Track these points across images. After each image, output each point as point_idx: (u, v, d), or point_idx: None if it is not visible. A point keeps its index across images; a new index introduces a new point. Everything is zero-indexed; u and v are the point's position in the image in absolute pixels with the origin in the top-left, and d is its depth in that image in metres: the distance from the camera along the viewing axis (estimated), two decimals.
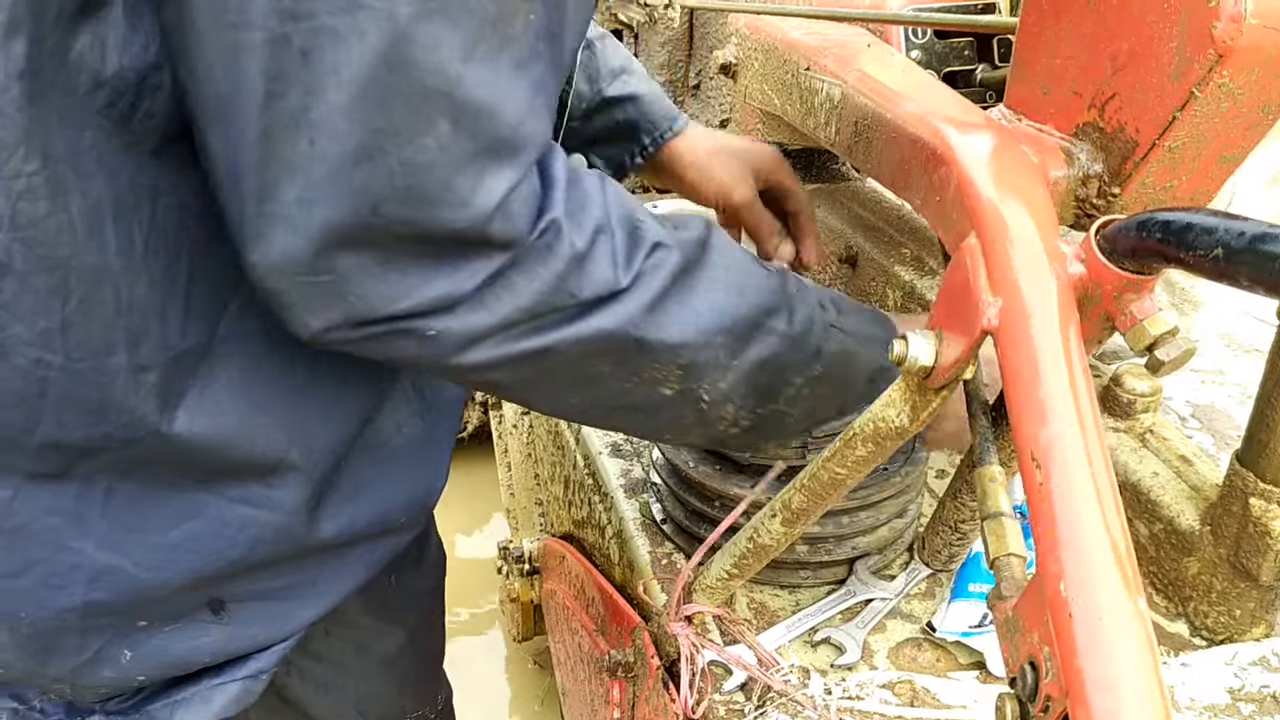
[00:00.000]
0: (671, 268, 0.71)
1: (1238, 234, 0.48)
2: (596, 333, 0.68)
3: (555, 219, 0.65)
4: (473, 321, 0.65)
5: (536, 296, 0.66)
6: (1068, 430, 0.52)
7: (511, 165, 0.62)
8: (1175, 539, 0.94)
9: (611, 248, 0.69)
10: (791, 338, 0.76)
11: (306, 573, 0.84)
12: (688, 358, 0.72)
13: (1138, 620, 0.46)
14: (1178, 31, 0.57)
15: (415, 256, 0.62)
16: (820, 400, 0.80)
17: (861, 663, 0.92)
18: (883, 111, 0.78)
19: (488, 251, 0.64)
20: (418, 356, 0.67)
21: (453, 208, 0.60)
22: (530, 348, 0.68)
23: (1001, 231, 0.58)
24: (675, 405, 0.75)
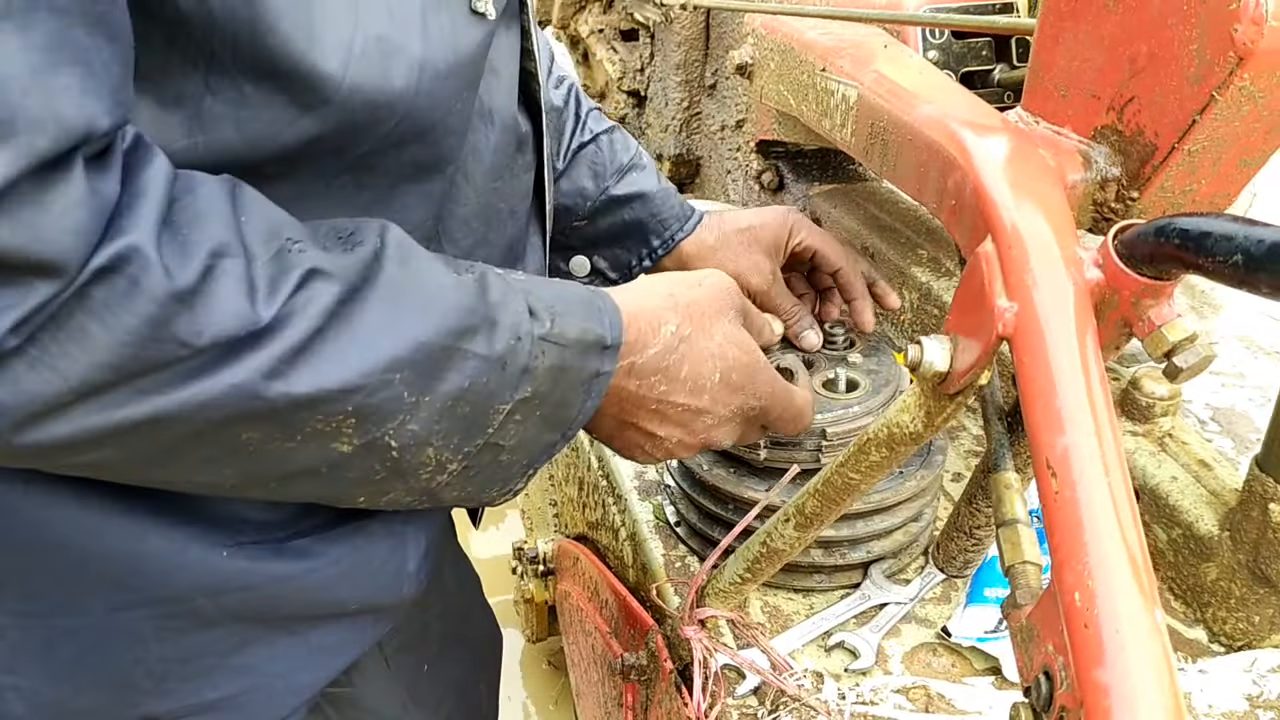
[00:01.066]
0: (330, 300, 0.56)
1: (1257, 241, 0.47)
2: (228, 391, 0.53)
3: (133, 244, 0.50)
4: (29, 388, 0.50)
5: (124, 349, 0.51)
6: (1085, 439, 0.51)
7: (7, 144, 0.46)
8: (1194, 544, 0.93)
9: (244, 275, 0.54)
10: (494, 359, 0.63)
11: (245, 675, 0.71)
12: (358, 404, 0.58)
13: (1155, 633, 0.46)
14: (1197, 34, 0.56)
15: None
16: (534, 425, 0.67)
17: (876, 667, 0.91)
18: (899, 114, 0.78)
19: (15, 277, 0.48)
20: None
21: None
22: (133, 418, 0.52)
23: (1017, 236, 0.58)
24: (360, 461, 0.61)
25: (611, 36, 1.94)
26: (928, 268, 1.27)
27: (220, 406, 0.54)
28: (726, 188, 1.71)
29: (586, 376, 0.69)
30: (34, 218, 0.47)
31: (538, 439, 0.69)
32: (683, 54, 1.71)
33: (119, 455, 0.55)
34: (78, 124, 0.48)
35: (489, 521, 2.03)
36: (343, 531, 0.72)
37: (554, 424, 0.69)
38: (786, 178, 1.58)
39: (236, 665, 0.71)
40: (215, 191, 0.55)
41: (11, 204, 0.46)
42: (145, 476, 0.59)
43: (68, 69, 0.48)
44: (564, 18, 2.00)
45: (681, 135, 1.80)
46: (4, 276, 0.47)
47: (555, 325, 0.66)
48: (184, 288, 0.51)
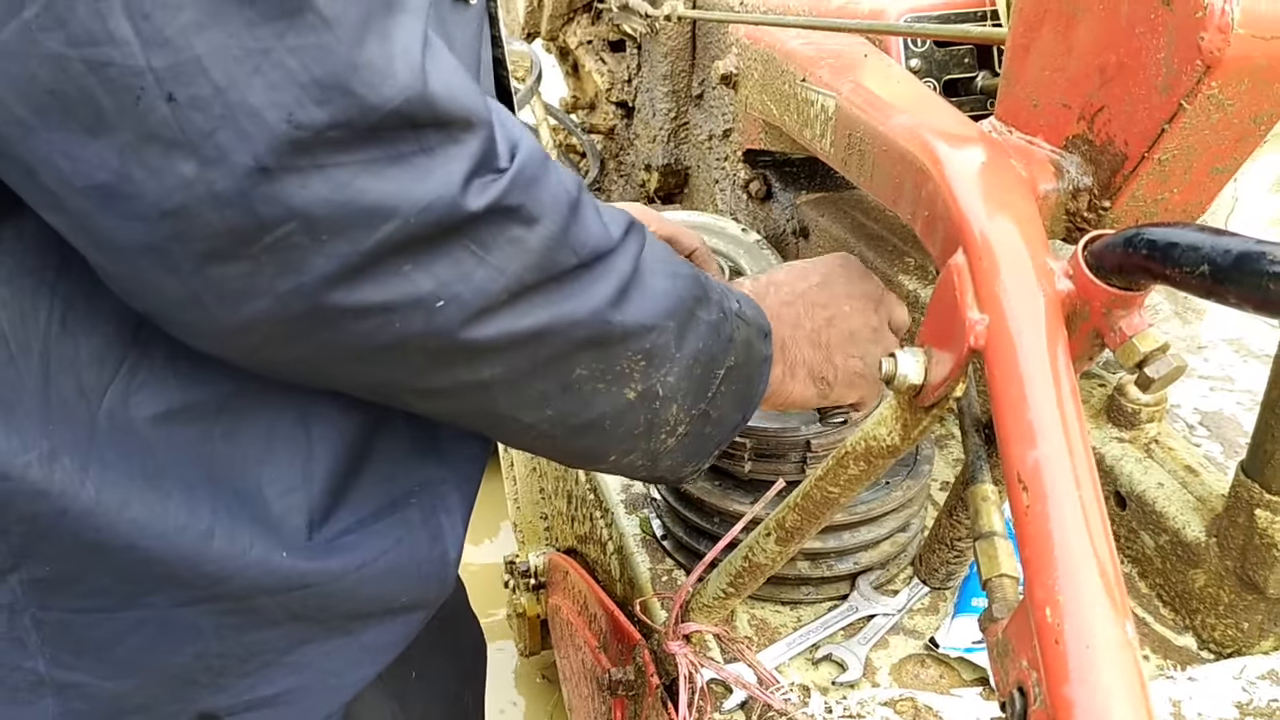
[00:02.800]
0: (636, 248, 0.66)
1: (1224, 251, 0.47)
2: (589, 314, 0.62)
3: (540, 159, 0.59)
4: (481, 282, 0.57)
5: (543, 247, 0.59)
6: (1056, 452, 0.51)
7: (407, 11, 0.52)
8: (1181, 551, 0.93)
9: (593, 202, 0.63)
10: (714, 325, 0.72)
11: (301, 673, 0.74)
12: (650, 344, 0.67)
13: (1125, 648, 0.45)
14: (1165, 43, 0.56)
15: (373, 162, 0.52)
16: (734, 398, 0.76)
17: (864, 679, 0.91)
18: (874, 124, 0.77)
19: (450, 134, 0.54)
20: (426, 336, 0.58)
21: (378, 85, 0.51)
22: (533, 325, 0.61)
23: (988, 247, 0.58)
24: (634, 412, 0.70)
25: (600, 48, 1.95)
26: (915, 275, 1.27)
27: (583, 326, 0.63)
28: (715, 197, 1.71)
29: (761, 358, 0.78)
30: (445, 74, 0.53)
31: (732, 414, 0.77)
32: (669, 64, 1.71)
33: (506, 371, 0.62)
34: None
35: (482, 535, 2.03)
36: (387, 524, 0.74)
37: (742, 400, 0.77)
38: (774, 186, 1.58)
39: (292, 663, 0.73)
40: None
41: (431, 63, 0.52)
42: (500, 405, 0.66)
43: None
44: (552, 30, 2.00)
45: (669, 145, 1.80)
46: (443, 132, 0.54)
47: (739, 305, 0.76)
48: (574, 197, 0.60)
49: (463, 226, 0.55)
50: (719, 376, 0.74)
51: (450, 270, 0.56)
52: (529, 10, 2.02)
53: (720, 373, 0.73)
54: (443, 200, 0.54)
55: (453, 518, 0.78)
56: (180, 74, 0.48)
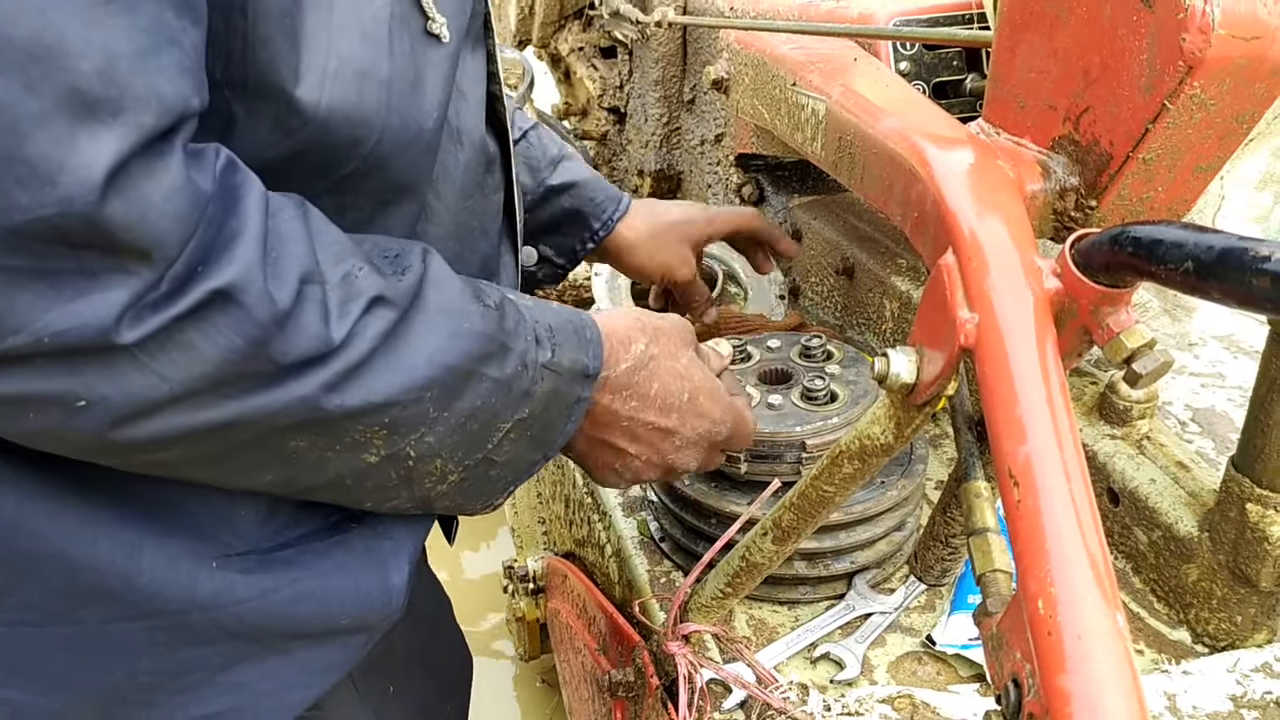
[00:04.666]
0: (385, 324, 0.61)
1: (1207, 248, 0.48)
2: (292, 403, 0.58)
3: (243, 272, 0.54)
4: (137, 387, 0.53)
5: (222, 364, 0.55)
6: (1046, 447, 0.52)
7: (110, 127, 0.48)
8: (1174, 546, 0.94)
9: (321, 301, 0.59)
10: (503, 382, 0.68)
11: (236, 693, 0.73)
12: (393, 416, 0.63)
13: (1116, 638, 0.46)
14: (1148, 44, 0.57)
15: (21, 274, 0.49)
16: (525, 444, 0.73)
17: (861, 678, 0.92)
18: (864, 127, 0.78)
19: (119, 261, 0.50)
20: (63, 431, 0.54)
21: (32, 187, 0.47)
22: (209, 422, 0.57)
23: (977, 247, 0.59)
24: (380, 470, 0.66)
25: (591, 54, 1.95)
26: (907, 277, 1.28)
27: (286, 414, 0.59)
28: (707, 202, 1.72)
29: (571, 402, 0.74)
30: (141, 198, 0.50)
31: (525, 456, 0.74)
32: (660, 70, 1.72)
33: (187, 454, 0.59)
34: (176, 102, 0.51)
35: (480, 539, 2.03)
36: (326, 545, 0.74)
37: (540, 444, 0.74)
38: (766, 190, 1.59)
39: (226, 682, 0.72)
40: (293, 214, 0.59)
41: (123, 182, 0.49)
42: (198, 475, 0.63)
43: (166, 50, 0.50)
44: (544, 37, 2.01)
45: (662, 150, 1.80)
46: (113, 259, 0.50)
47: (555, 354, 0.72)
48: (281, 312, 0.56)
49: (114, 351, 0.52)
50: (502, 430, 0.70)
51: (96, 377, 0.52)
52: (520, 18, 2.03)
53: (505, 426, 0.70)
54: (89, 328, 0.51)
55: (397, 545, 0.77)
56: None
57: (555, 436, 0.75)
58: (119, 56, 0.48)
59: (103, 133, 0.48)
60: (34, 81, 0.46)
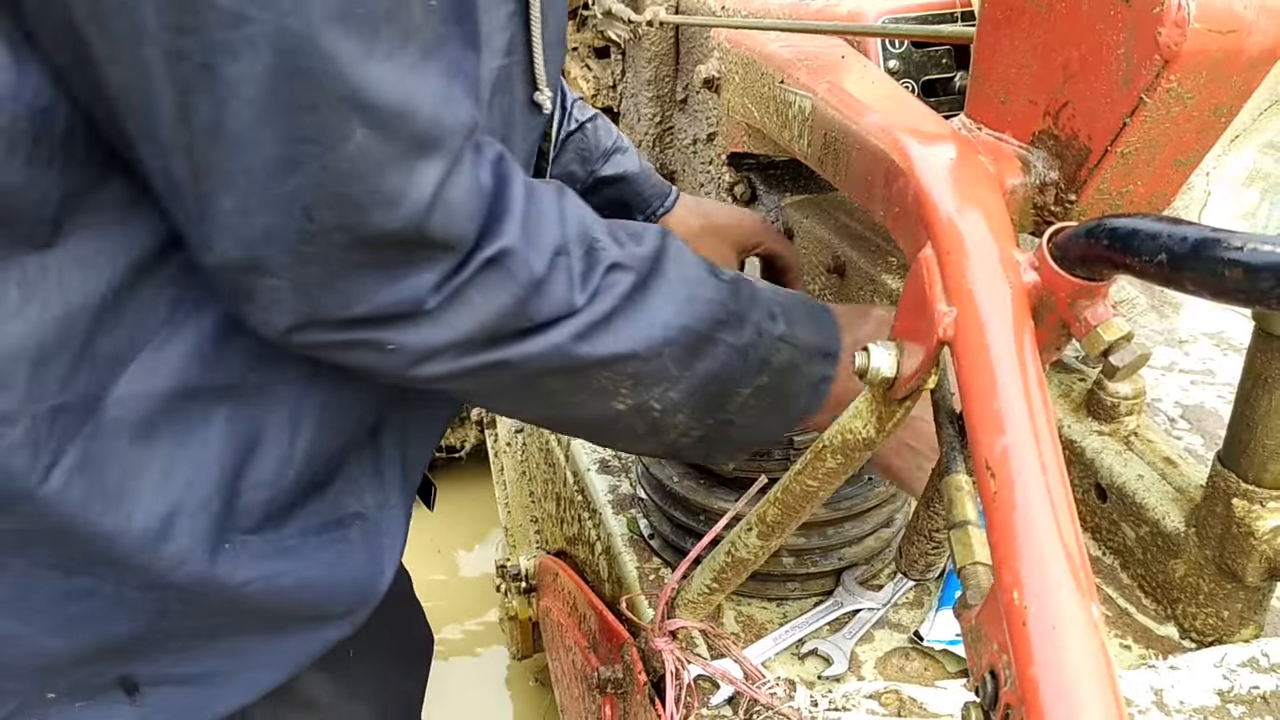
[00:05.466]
0: (625, 286, 0.72)
1: (1181, 239, 0.48)
2: (548, 349, 0.70)
3: (510, 245, 0.67)
4: (430, 336, 0.67)
5: (494, 318, 0.67)
6: (1023, 439, 0.52)
7: (436, 159, 0.62)
8: (1161, 541, 0.94)
9: (569, 269, 0.70)
10: (739, 349, 0.76)
11: (224, 659, 0.79)
12: (635, 369, 0.73)
13: (1090, 629, 0.46)
14: (1125, 38, 0.57)
15: (362, 264, 0.63)
16: (765, 410, 0.80)
17: (849, 673, 0.92)
18: (848, 123, 0.79)
19: (431, 253, 0.64)
20: (377, 366, 0.69)
21: (384, 211, 0.61)
22: (484, 362, 0.69)
23: (956, 241, 0.59)
24: (628, 417, 0.76)
25: (585, 54, 1.96)
26: (898, 274, 1.28)
27: (541, 359, 0.71)
28: None
29: (814, 380, 0.81)
30: (449, 207, 0.63)
31: (765, 424, 0.82)
32: (653, 70, 1.72)
33: (468, 387, 0.73)
34: (470, 122, 0.64)
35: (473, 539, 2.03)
36: (331, 538, 0.80)
37: (780, 413, 0.82)
38: (759, 189, 1.59)
39: (222, 649, 0.78)
40: (550, 196, 0.71)
41: (441, 197, 0.62)
42: (485, 403, 0.81)
43: (460, 82, 0.63)
44: None
45: (655, 150, 1.81)
46: (428, 253, 0.64)
47: (790, 329, 0.79)
48: (538, 278, 0.69)
49: (419, 314, 0.66)
50: (742, 394, 0.79)
51: (401, 332, 0.67)
52: None
53: (744, 391, 0.78)
54: (407, 301, 0.65)
55: (393, 540, 0.84)
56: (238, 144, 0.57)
57: (795, 409, 0.82)
58: (439, 101, 0.61)
59: (432, 164, 0.61)
60: (391, 134, 0.59)
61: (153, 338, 0.68)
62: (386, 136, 0.59)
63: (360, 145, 0.58)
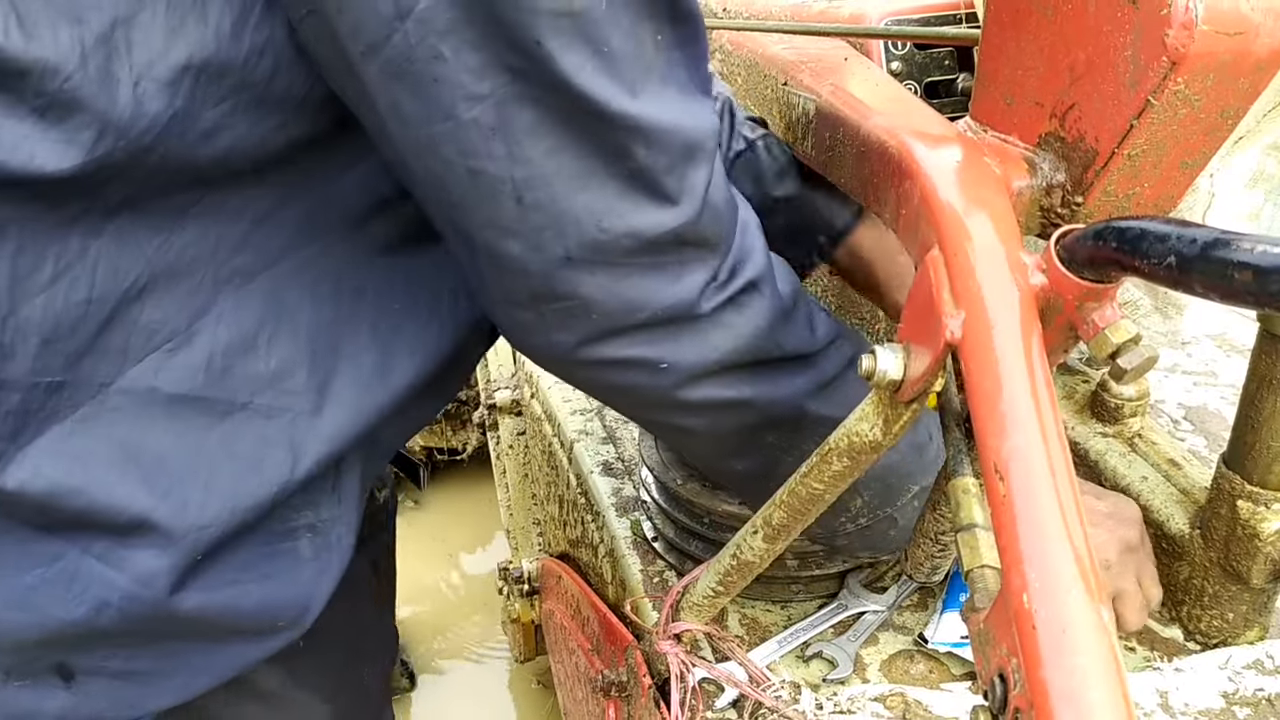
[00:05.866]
0: (847, 355, 0.78)
1: (1190, 241, 0.48)
2: (789, 395, 0.75)
3: (762, 268, 0.72)
4: (701, 350, 0.71)
5: (751, 338, 0.72)
6: (1030, 442, 0.52)
7: (703, 163, 0.67)
8: (1166, 543, 0.94)
9: (807, 312, 0.76)
10: (918, 446, 0.81)
11: (162, 660, 0.79)
12: None
13: (1101, 632, 0.46)
14: (1132, 40, 0.57)
15: (647, 268, 0.67)
16: (919, 512, 0.80)
17: (854, 676, 0.92)
18: (852, 126, 0.78)
19: (699, 253, 0.68)
20: (648, 387, 0.72)
21: (667, 210, 0.65)
22: (737, 396, 0.74)
23: (963, 243, 0.59)
24: None
25: None
26: None
27: (780, 405, 0.76)
28: None
29: None
30: (714, 206, 0.68)
31: (913, 525, 0.80)
32: None
33: (710, 424, 0.77)
34: (715, 126, 0.68)
35: (476, 542, 2.03)
36: (281, 549, 0.79)
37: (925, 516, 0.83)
38: None
39: (161, 650, 0.78)
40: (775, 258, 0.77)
41: (709, 196, 0.67)
42: (704, 447, 0.81)
43: (700, 88, 0.67)
44: None
45: None
46: (697, 251, 0.68)
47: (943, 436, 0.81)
48: (785, 305, 0.74)
49: (695, 319, 0.70)
50: (911, 491, 0.82)
51: (675, 345, 0.71)
52: None
53: (914, 488, 0.82)
54: (683, 303, 0.69)
55: (340, 554, 0.83)
56: (531, 184, 0.63)
57: None
58: (693, 112, 0.65)
59: (700, 168, 0.66)
60: (665, 147, 0.64)
61: (166, 342, 0.68)
62: (664, 149, 0.64)
63: (642, 161, 0.64)
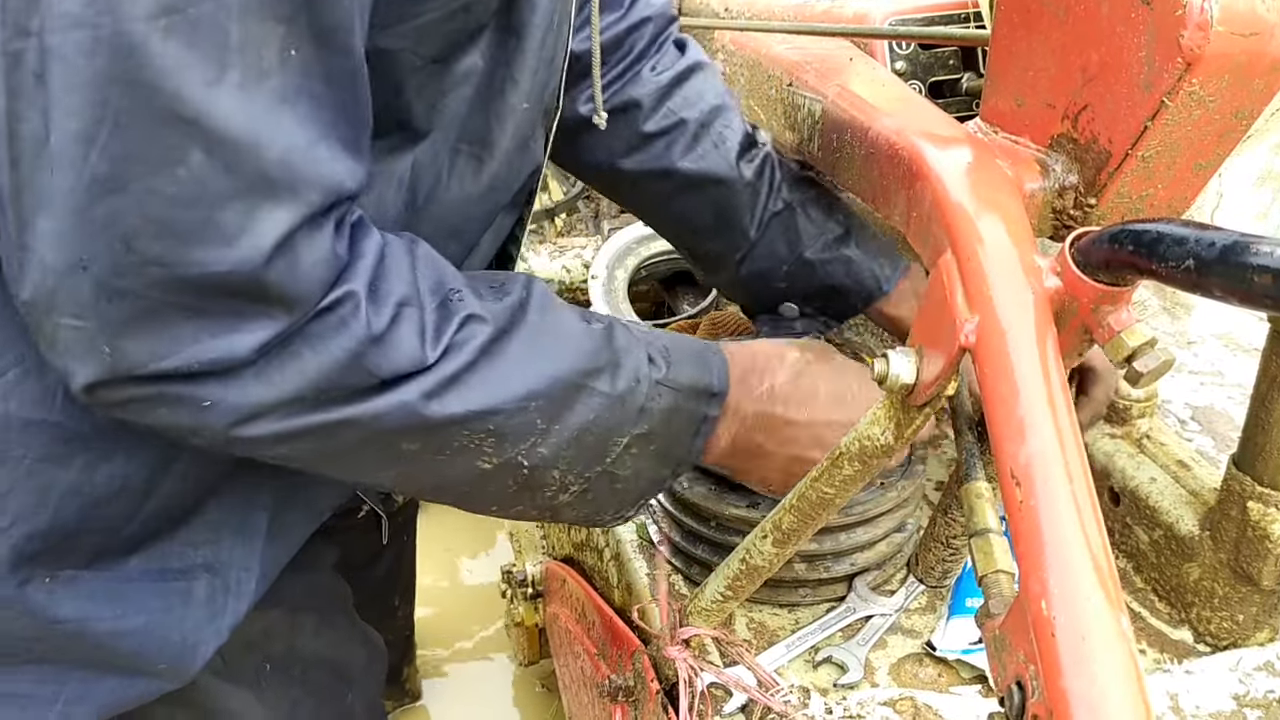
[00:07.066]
0: (482, 339, 0.67)
1: (1208, 244, 0.47)
2: (395, 407, 0.64)
3: (352, 290, 0.62)
4: (252, 394, 0.61)
5: (327, 374, 0.62)
6: (1047, 447, 0.51)
7: (285, 207, 0.57)
8: (1175, 545, 0.94)
9: (419, 322, 0.65)
10: (614, 397, 0.72)
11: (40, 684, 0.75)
12: (497, 424, 0.68)
13: (1120, 639, 0.46)
14: (1146, 41, 0.57)
15: (183, 310, 0.57)
16: (648, 459, 0.76)
17: (864, 681, 0.91)
18: (861, 127, 0.78)
19: (266, 309, 0.59)
20: (192, 427, 0.62)
21: (214, 247, 0.56)
22: (320, 422, 0.63)
23: (977, 247, 0.58)
24: (497, 477, 0.71)
25: None
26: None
27: (388, 418, 0.65)
28: None
29: (696, 419, 0.78)
30: (295, 265, 0.58)
31: (651, 471, 0.78)
32: None
33: (305, 450, 0.66)
34: (334, 185, 0.59)
35: (479, 547, 2.03)
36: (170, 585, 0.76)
37: (666, 459, 0.78)
38: None
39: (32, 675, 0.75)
40: (400, 250, 0.66)
41: (286, 251, 0.57)
42: (327, 470, 0.69)
43: (328, 141, 0.58)
44: None
45: None
46: (261, 307, 0.58)
47: (670, 371, 0.75)
48: (378, 332, 0.63)
49: (240, 370, 0.60)
50: (620, 444, 0.74)
51: (218, 384, 0.60)
52: None
53: (622, 440, 0.74)
54: (228, 360, 0.59)
55: (238, 603, 0.79)
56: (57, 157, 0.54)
57: (683, 453, 0.78)
58: (300, 149, 0.57)
59: (278, 210, 0.57)
60: (233, 165, 0.55)
61: (11, 369, 0.66)
62: (227, 168, 0.55)
63: (194, 171, 0.54)
